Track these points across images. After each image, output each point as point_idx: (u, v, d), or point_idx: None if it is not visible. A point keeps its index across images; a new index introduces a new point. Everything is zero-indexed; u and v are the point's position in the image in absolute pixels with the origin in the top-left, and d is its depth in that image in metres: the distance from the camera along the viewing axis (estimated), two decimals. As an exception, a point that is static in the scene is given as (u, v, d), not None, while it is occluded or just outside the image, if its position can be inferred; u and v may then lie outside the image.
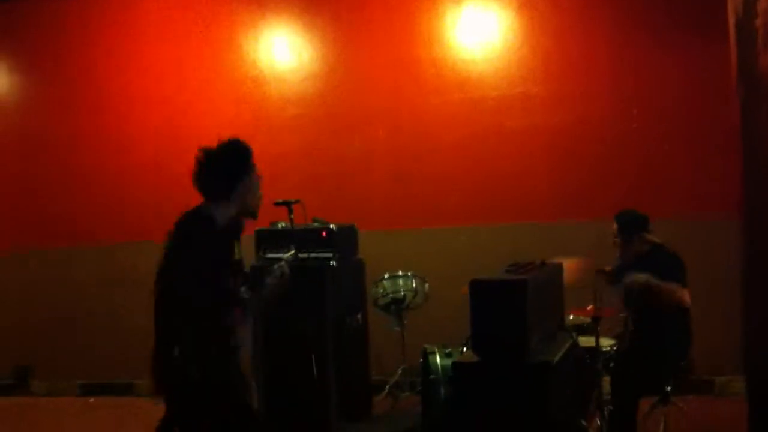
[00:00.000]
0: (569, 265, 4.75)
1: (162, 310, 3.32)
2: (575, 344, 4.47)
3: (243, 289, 3.62)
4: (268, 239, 5.74)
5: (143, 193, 7.54)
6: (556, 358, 3.93)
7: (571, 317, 4.91)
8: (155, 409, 3.41)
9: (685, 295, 4.80)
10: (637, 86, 6.59)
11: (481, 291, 3.90)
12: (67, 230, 7.77)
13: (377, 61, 7.10)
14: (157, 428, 3.37)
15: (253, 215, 3.71)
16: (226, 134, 7.35)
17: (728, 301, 4.09)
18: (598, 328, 4.57)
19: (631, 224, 5.10)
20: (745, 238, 3.43)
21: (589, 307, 4.68)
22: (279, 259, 4.02)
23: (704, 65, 6.32)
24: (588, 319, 4.75)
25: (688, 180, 6.47)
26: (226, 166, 3.62)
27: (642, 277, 4.75)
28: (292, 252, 4.18)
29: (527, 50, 6.81)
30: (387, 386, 6.37)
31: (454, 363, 4.27)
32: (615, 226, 5.16)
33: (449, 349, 5.22)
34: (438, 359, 5.16)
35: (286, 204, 4.73)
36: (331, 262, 5.58)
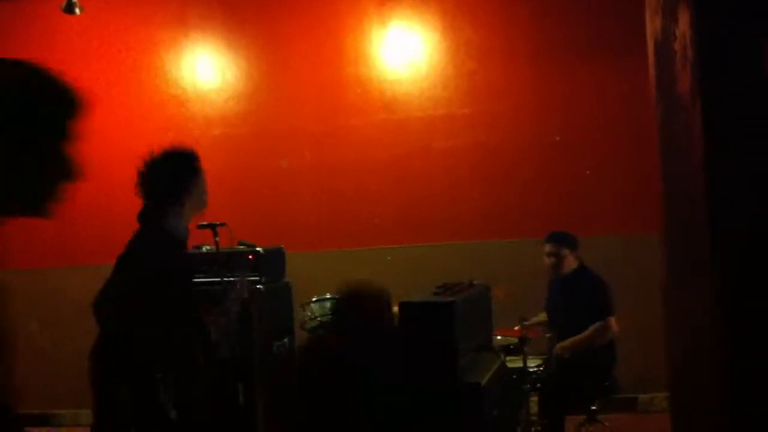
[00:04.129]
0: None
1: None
2: (503, 365, 4.47)
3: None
4: (193, 264, 5.59)
5: (68, 214, 7.26)
6: (485, 380, 3.91)
7: (498, 338, 4.92)
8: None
9: (611, 329, 4.93)
10: (560, 106, 6.72)
11: (410, 313, 3.87)
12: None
13: (302, 80, 7.06)
14: None
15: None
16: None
17: (652, 318, 4.15)
18: (525, 349, 4.60)
19: (564, 243, 5.19)
20: (664, 255, 3.48)
21: (516, 328, 4.71)
22: (209, 283, 3.93)
23: (626, 85, 6.48)
24: (515, 340, 4.76)
25: (614, 197, 6.60)
26: (176, 168, 3.58)
27: (566, 345, 4.87)
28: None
29: (452, 71, 6.87)
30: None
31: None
32: (547, 245, 5.24)
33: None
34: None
35: (211, 227, 4.62)
36: (259, 286, 5.47)
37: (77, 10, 6.53)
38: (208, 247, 5.43)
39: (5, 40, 7.47)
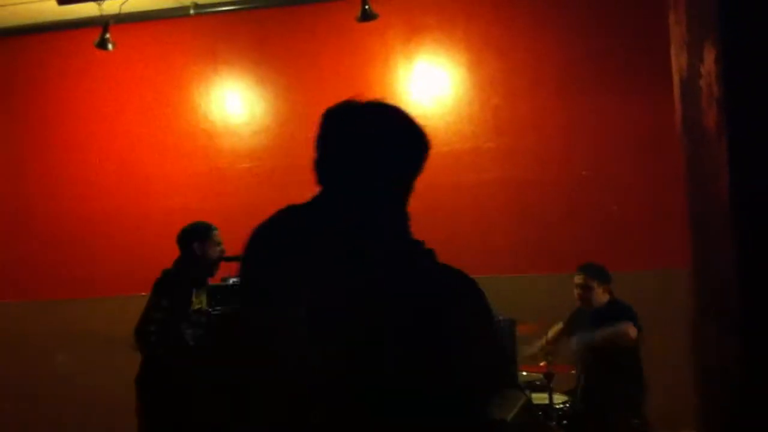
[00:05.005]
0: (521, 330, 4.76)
1: None
2: (529, 401, 4.43)
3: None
4: (220, 294, 5.63)
5: (99, 245, 7.36)
6: (510, 416, 3.88)
7: (524, 373, 4.88)
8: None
9: (630, 330, 4.85)
10: (587, 140, 6.71)
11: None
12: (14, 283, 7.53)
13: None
14: None
15: (212, 270, 4.58)
16: (179, 188, 7.28)
17: (682, 356, 4.10)
18: (551, 385, 4.55)
19: (594, 275, 5.17)
20: (693, 292, 3.44)
21: (542, 364, 4.66)
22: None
23: (653, 119, 6.45)
24: (541, 376, 4.72)
25: (642, 232, 6.54)
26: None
27: (587, 337, 4.80)
28: None
29: (478, 106, 6.90)
30: None
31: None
32: (577, 276, 5.21)
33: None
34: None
35: (237, 260, 4.64)
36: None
37: (110, 46, 6.67)
38: (235, 280, 5.47)
39: (41, 73, 7.65)
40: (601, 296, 5.18)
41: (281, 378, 1.74)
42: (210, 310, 4.74)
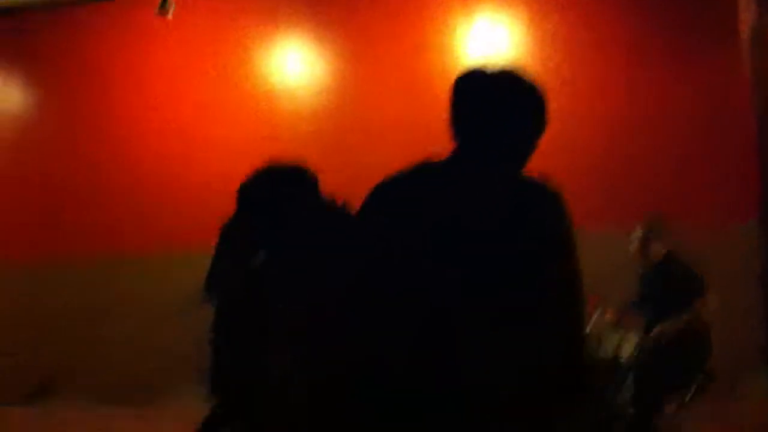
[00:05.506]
0: None
1: None
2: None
3: None
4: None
5: (160, 203, 7.55)
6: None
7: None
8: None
9: (704, 310, 4.88)
10: (650, 99, 6.60)
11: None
12: (83, 244, 7.79)
13: (389, 73, 7.12)
14: None
15: None
16: (241, 149, 7.44)
17: (746, 305, 4.10)
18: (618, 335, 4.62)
19: (650, 229, 5.17)
20: (763, 241, 3.46)
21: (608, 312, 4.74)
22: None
23: (719, 76, 6.33)
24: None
25: (707, 186, 6.46)
26: None
27: (664, 329, 4.84)
28: None
29: (538, 63, 6.83)
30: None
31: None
32: (634, 231, 5.22)
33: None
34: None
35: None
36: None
37: (170, 12, 6.77)
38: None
39: (102, 42, 7.82)
40: (658, 250, 5.15)
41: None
42: None
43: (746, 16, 3.20)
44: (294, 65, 7.40)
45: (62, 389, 7.80)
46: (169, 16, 6.78)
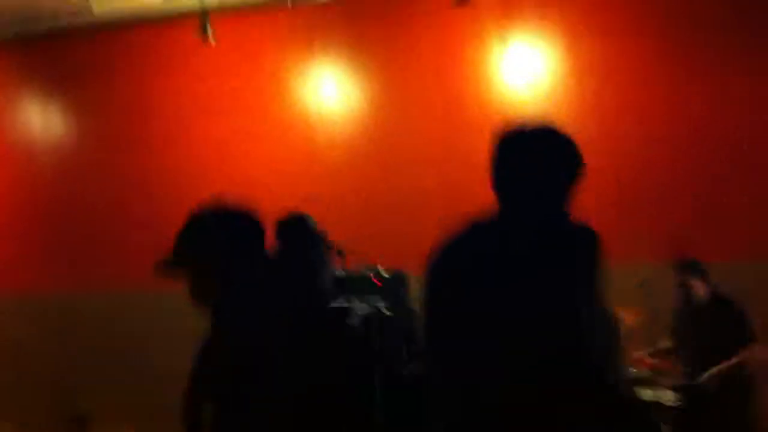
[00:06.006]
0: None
1: None
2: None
3: None
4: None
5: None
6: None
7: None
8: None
9: (757, 356, 4.75)
10: (690, 126, 6.50)
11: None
12: (120, 272, 7.82)
13: (424, 100, 7.12)
14: None
15: None
16: (276, 177, 7.44)
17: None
18: (658, 381, 4.49)
19: (692, 271, 5.06)
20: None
21: (647, 360, 4.59)
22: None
23: (755, 109, 6.22)
24: (647, 372, 4.65)
25: (746, 222, 6.32)
26: None
27: (713, 374, 4.72)
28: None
29: (575, 90, 6.76)
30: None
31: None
32: (675, 274, 5.12)
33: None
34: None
35: (339, 252, 4.72)
36: (384, 310, 5.54)
37: (211, 38, 6.80)
38: (336, 271, 5.55)
39: (142, 64, 7.88)
40: (701, 291, 5.07)
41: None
42: None
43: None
44: (329, 93, 7.40)
45: (99, 420, 7.79)
46: (211, 41, 6.81)
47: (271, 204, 6.20)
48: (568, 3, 6.81)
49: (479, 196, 7.68)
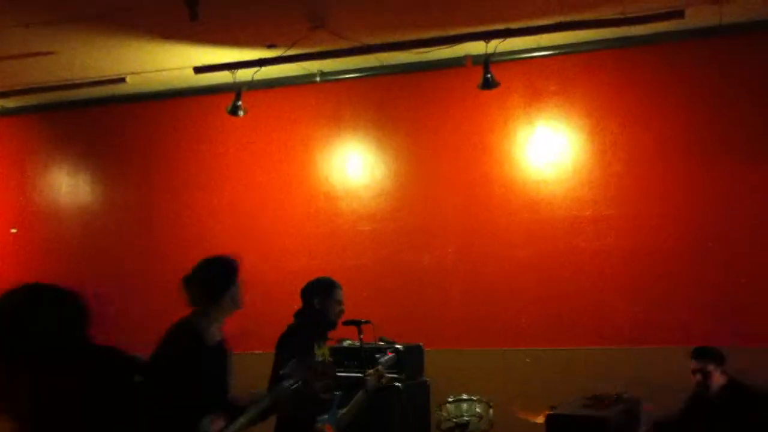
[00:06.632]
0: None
1: None
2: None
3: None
4: (335, 357, 5.72)
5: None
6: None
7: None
8: None
9: None
10: (714, 209, 6.48)
11: (559, 426, 3.80)
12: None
13: (449, 178, 7.18)
14: None
15: (332, 325, 4.66)
16: (300, 249, 7.46)
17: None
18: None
19: (709, 358, 5.02)
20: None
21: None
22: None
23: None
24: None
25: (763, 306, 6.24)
26: (211, 275, 4.06)
27: None
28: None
29: (598, 172, 6.79)
30: None
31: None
32: (693, 361, 5.08)
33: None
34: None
35: (356, 323, 4.76)
36: (398, 383, 5.52)
37: (241, 112, 6.98)
38: (350, 342, 5.58)
39: (175, 135, 8.06)
40: (718, 379, 5.03)
41: None
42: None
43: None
44: (355, 167, 7.50)
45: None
46: (241, 114, 6.98)
47: (295, 275, 6.22)
48: (592, 86, 6.90)
49: (499, 273, 7.70)
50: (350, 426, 4.48)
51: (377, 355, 4.77)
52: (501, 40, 6.24)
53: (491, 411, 6.11)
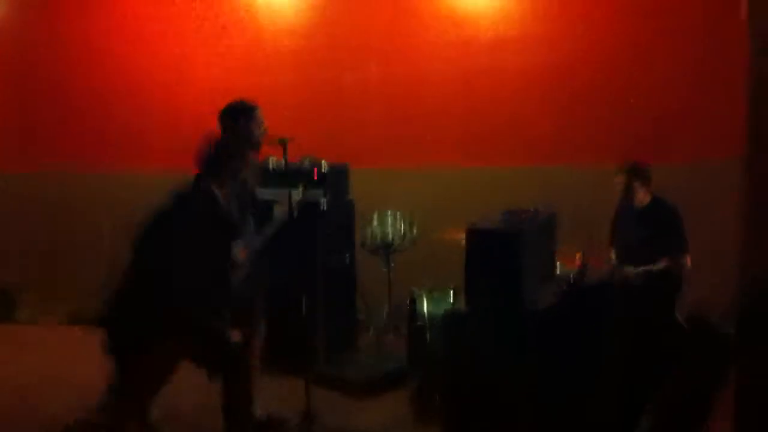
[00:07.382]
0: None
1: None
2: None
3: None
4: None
5: (137, 120, 7.33)
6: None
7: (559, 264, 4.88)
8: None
9: (685, 266, 4.88)
10: (640, 28, 6.45)
11: (477, 239, 3.86)
12: (67, 153, 7.53)
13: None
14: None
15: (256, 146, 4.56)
16: (218, 65, 7.23)
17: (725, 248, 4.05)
18: (585, 279, 4.57)
19: (635, 175, 5.14)
20: (748, 180, 3.36)
21: (577, 257, 4.67)
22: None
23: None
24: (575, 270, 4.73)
25: (692, 123, 6.36)
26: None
27: (638, 272, 4.82)
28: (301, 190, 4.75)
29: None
30: (371, 327, 6.34)
31: (445, 313, 4.30)
32: (618, 176, 5.19)
33: (437, 294, 5.23)
34: (425, 305, 5.26)
35: (280, 141, 4.62)
36: (322, 202, 5.53)
37: None
38: (275, 160, 5.47)
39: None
40: (643, 196, 5.17)
41: None
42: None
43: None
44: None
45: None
46: None
47: (212, 92, 6.06)
48: None
49: (422, 91, 7.62)
50: (270, 247, 4.45)
51: (292, 190, 4.62)
52: None
53: (415, 229, 6.21)
